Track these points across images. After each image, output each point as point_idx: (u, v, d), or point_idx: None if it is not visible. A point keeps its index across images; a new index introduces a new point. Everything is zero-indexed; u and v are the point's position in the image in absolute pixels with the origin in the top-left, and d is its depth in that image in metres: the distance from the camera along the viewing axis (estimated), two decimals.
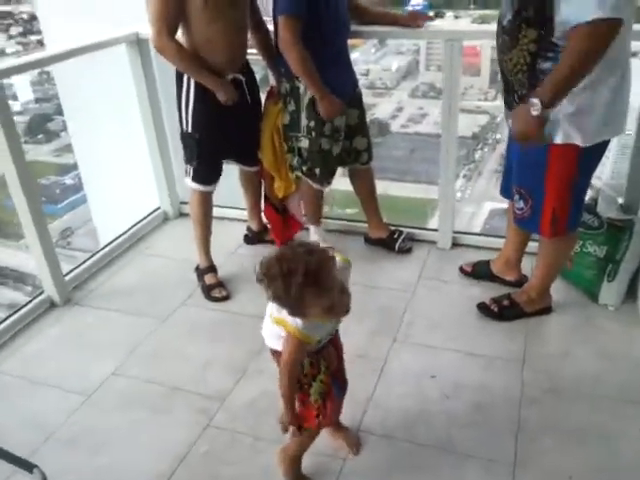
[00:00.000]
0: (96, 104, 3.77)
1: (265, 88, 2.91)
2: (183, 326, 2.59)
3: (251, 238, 3.22)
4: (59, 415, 2.13)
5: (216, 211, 2.90)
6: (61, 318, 2.69)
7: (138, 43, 3.08)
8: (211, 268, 2.85)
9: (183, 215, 3.49)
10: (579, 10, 1.73)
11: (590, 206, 2.53)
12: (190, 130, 2.63)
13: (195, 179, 2.72)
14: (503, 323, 2.48)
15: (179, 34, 2.47)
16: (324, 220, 3.10)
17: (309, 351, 1.60)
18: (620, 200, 2.59)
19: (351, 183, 3.06)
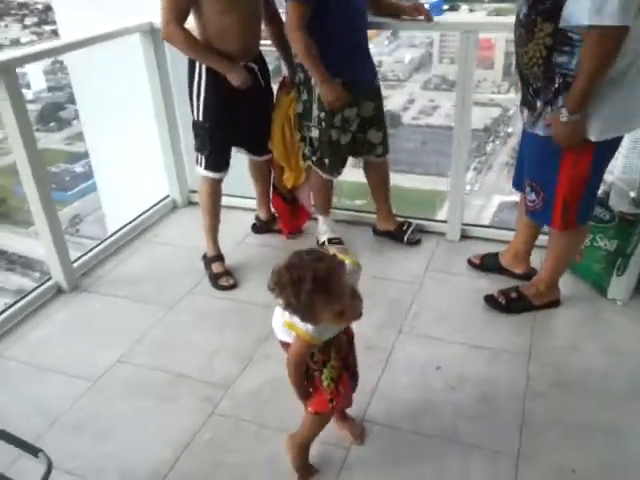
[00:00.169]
0: (108, 93, 3.78)
1: (277, 79, 2.90)
2: (190, 314, 2.60)
3: (259, 227, 3.22)
4: (65, 401, 2.14)
5: (225, 200, 2.90)
6: (68, 304, 2.71)
7: (152, 33, 3.08)
8: (218, 257, 2.85)
9: (192, 204, 3.49)
10: (580, 12, 1.77)
11: (602, 199, 2.50)
12: (201, 119, 2.63)
13: (206, 167, 2.72)
14: (510, 316, 2.47)
15: (193, 25, 2.48)
16: (333, 210, 3.09)
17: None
18: (632, 194, 2.55)
19: (364, 174, 3.04)
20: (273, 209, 3.19)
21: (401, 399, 2.08)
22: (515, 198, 2.60)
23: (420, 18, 2.75)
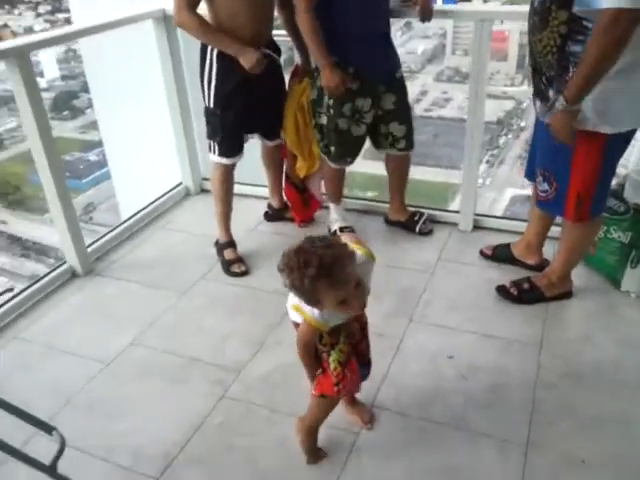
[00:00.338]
0: (122, 81, 3.79)
1: (290, 68, 2.90)
2: (202, 299, 2.62)
3: (271, 215, 3.23)
4: (78, 382, 2.17)
5: (237, 188, 2.91)
6: (83, 288, 2.73)
7: (164, 19, 3.08)
8: (231, 243, 2.86)
9: (204, 191, 3.51)
10: None
11: (617, 191, 2.49)
12: (212, 106, 2.64)
13: (220, 153, 2.73)
14: (522, 307, 2.46)
15: (205, 11, 2.48)
16: (344, 199, 3.10)
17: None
18: None
19: (385, 165, 3.01)
20: (285, 198, 3.20)
21: (411, 386, 2.09)
22: (528, 191, 2.58)
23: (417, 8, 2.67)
